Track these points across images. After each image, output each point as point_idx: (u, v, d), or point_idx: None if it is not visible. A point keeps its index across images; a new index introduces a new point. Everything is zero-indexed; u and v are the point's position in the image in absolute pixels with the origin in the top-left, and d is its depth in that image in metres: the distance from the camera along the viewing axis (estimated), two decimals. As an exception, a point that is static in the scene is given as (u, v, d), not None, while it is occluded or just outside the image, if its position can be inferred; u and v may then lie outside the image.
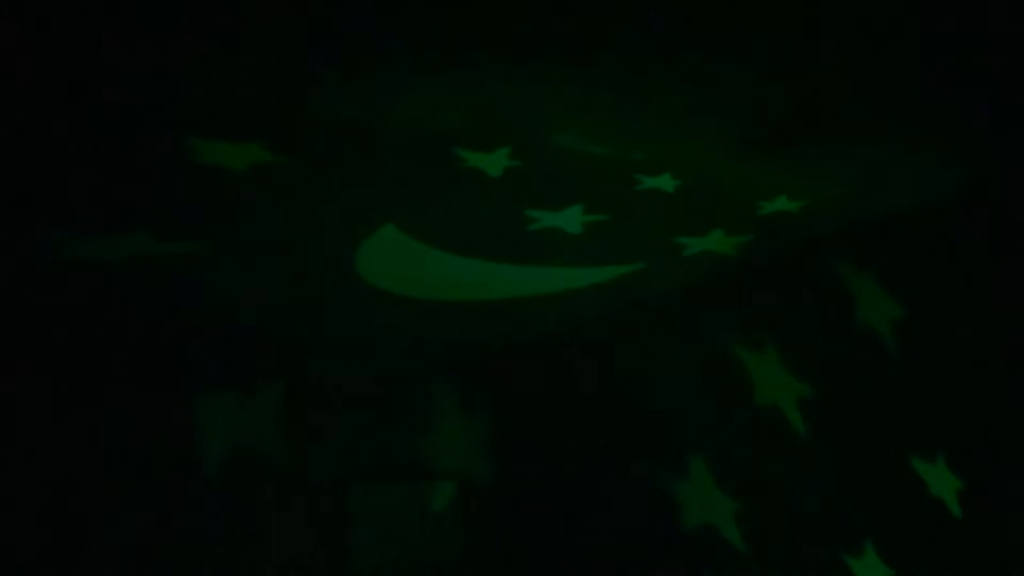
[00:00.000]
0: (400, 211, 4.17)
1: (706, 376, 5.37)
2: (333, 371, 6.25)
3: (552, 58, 3.06)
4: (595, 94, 3.30)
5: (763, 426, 5.05)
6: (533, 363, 6.43)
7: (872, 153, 3.87)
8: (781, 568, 4.99)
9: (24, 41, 2.84)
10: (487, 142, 3.55)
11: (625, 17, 2.91)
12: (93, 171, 3.62)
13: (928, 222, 4.39)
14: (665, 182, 3.94)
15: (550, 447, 6.37)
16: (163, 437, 5.81)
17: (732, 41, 3.06)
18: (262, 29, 2.85)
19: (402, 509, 6.39)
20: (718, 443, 5.32)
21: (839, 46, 3.12)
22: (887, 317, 4.51)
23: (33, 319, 5.20)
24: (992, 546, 4.10)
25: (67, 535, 5.49)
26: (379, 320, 5.59)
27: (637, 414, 5.79)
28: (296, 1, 2.76)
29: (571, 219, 4.25)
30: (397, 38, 2.92)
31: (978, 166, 4.06)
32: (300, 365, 6.18)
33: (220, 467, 5.91)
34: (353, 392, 6.31)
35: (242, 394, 6.03)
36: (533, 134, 3.52)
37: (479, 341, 6.19)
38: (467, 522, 6.50)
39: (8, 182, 3.68)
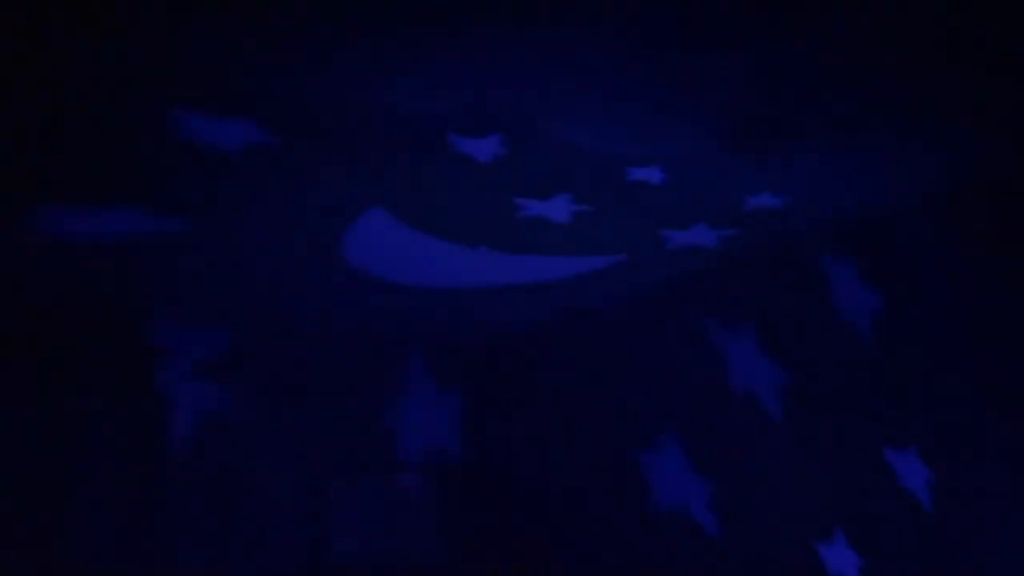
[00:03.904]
0: (389, 195, 4.19)
1: (685, 364, 5.40)
2: (314, 354, 6.23)
3: (544, 48, 3.10)
4: (587, 85, 3.34)
5: (740, 413, 5.11)
6: (514, 350, 6.43)
7: (855, 150, 3.92)
8: (751, 552, 5.05)
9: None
10: (479, 128, 3.58)
11: (619, 12, 2.94)
12: (83, 147, 3.64)
13: (908, 217, 4.44)
14: (653, 174, 3.99)
15: (527, 432, 6.38)
16: (139, 419, 5.77)
17: (720, 38, 3.10)
18: (260, 7, 2.87)
19: (379, 496, 6.37)
20: (695, 428, 5.38)
21: (826, 46, 3.16)
22: (866, 309, 4.57)
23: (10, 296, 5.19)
24: (961, 536, 4.18)
25: (42, 520, 5.47)
26: (362, 304, 5.59)
27: (615, 400, 5.81)
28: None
29: (559, 208, 4.28)
30: (392, 23, 2.94)
31: (957, 165, 4.12)
32: (281, 349, 6.16)
33: (195, 453, 5.87)
34: (335, 376, 6.30)
35: (220, 378, 6.00)
36: (524, 122, 3.56)
37: (463, 327, 6.18)
38: (442, 506, 6.49)
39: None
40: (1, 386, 5.42)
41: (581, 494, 5.98)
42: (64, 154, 3.68)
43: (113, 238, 4.46)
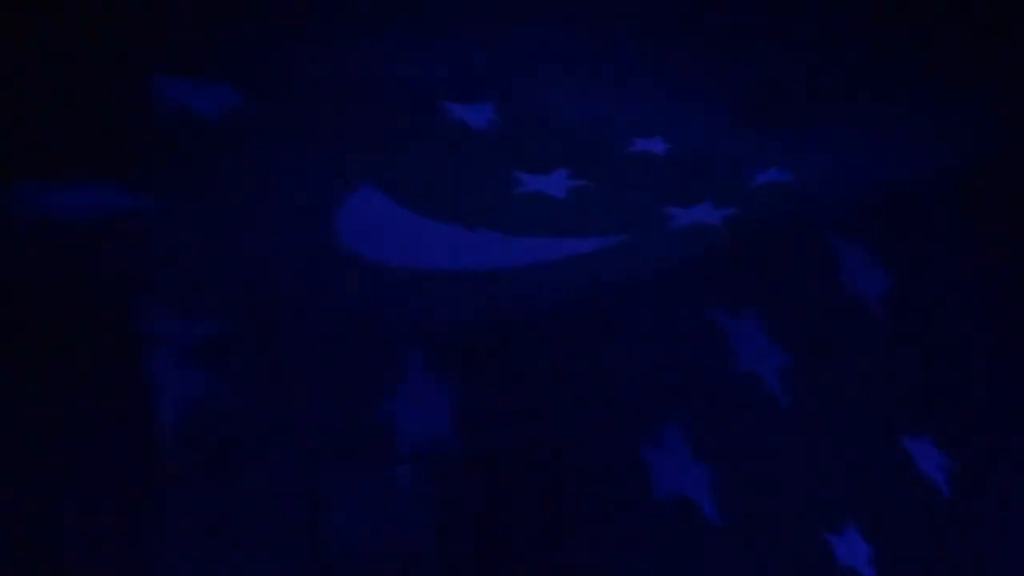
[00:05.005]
0: (382, 170, 4.06)
1: (690, 350, 5.36)
2: (306, 340, 6.19)
3: (542, 11, 2.99)
4: (587, 52, 3.22)
5: (746, 400, 5.04)
6: (511, 334, 6.42)
7: (868, 126, 3.86)
8: (759, 543, 4.97)
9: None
10: (472, 93, 3.45)
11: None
12: (59, 120, 3.49)
13: (920, 197, 4.40)
14: (656, 145, 3.87)
15: (524, 419, 6.36)
16: (126, 409, 5.72)
17: (729, 10, 3.02)
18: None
19: (375, 487, 6.36)
20: (698, 415, 5.32)
21: (838, 23, 3.12)
22: (877, 293, 4.52)
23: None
24: (977, 525, 4.11)
25: (29, 511, 5.40)
26: (356, 287, 5.51)
27: (615, 386, 5.77)
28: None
29: (557, 184, 4.17)
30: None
31: (972, 144, 4.07)
32: (271, 333, 6.11)
33: (185, 442, 5.83)
34: (327, 362, 6.26)
35: (209, 363, 5.95)
36: (520, 87, 3.42)
37: (460, 313, 6.15)
38: (439, 496, 6.48)
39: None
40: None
41: (582, 484, 5.98)
42: (38, 126, 3.54)
43: (95, 217, 4.33)
